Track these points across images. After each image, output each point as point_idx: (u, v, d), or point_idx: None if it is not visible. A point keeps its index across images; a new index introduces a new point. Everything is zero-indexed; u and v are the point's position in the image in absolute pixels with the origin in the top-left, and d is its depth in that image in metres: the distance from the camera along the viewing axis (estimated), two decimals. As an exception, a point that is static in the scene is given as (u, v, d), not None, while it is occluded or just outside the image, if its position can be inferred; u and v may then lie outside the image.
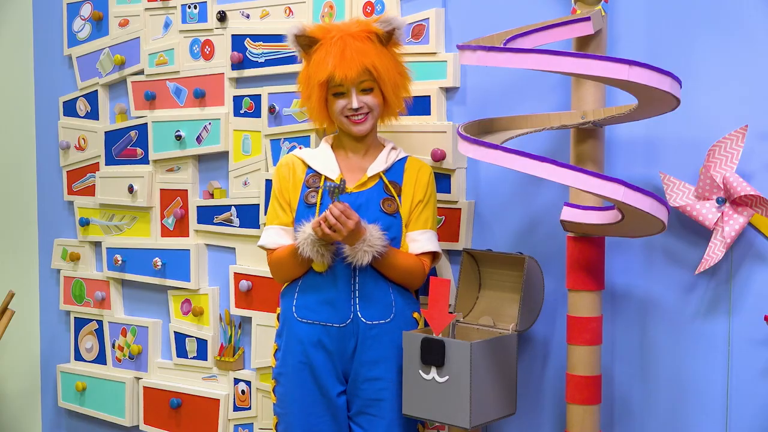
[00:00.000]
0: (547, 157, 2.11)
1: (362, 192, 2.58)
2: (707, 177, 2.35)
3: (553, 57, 2.09)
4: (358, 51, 2.49)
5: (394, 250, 2.55)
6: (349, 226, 2.40)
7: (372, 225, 2.50)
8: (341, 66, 2.48)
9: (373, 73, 2.52)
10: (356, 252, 2.46)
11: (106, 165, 3.62)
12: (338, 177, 2.55)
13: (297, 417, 2.61)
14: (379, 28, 2.53)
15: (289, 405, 2.62)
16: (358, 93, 2.53)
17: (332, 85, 2.53)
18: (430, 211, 2.63)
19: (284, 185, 2.64)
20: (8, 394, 4.04)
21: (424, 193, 2.61)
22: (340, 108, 2.55)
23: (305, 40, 2.56)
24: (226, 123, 3.26)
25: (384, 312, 2.57)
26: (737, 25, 2.38)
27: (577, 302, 2.46)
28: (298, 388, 2.60)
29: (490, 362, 2.42)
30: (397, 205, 2.58)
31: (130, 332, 3.58)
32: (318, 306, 2.57)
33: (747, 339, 2.40)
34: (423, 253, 2.60)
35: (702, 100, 2.42)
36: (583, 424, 2.46)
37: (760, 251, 2.38)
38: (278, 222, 2.64)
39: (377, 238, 2.48)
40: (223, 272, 3.35)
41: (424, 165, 2.66)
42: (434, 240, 2.63)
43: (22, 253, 3.95)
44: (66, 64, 3.75)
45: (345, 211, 2.40)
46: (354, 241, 2.45)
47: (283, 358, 2.64)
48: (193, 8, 3.33)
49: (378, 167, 2.61)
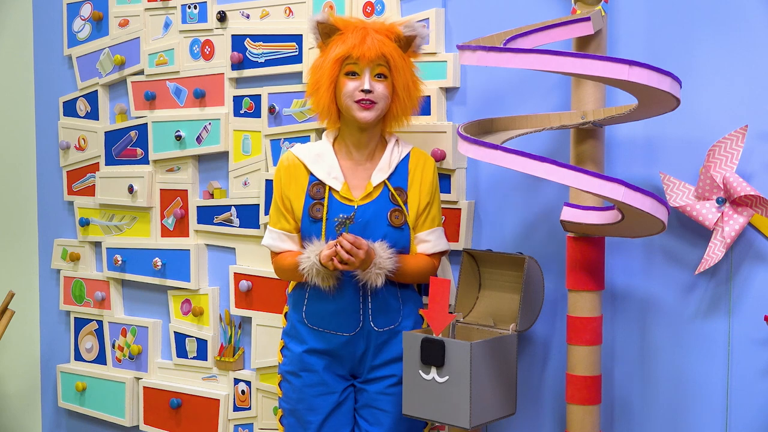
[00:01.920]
0: (547, 157, 2.11)
1: (369, 204, 2.57)
2: (707, 177, 2.35)
3: (553, 57, 2.09)
4: (379, 40, 2.50)
5: (404, 259, 2.55)
6: (360, 256, 2.40)
7: (378, 243, 2.50)
8: (360, 46, 2.48)
9: (390, 62, 2.52)
10: (368, 275, 2.47)
11: (106, 165, 3.62)
12: (348, 217, 2.49)
13: (302, 412, 2.62)
14: (403, 32, 2.54)
15: (295, 402, 2.63)
16: (371, 77, 2.52)
17: (347, 63, 2.51)
18: (436, 209, 2.63)
19: (285, 192, 2.62)
20: (8, 394, 4.04)
21: (430, 193, 2.60)
22: (351, 90, 2.51)
23: (327, 28, 2.55)
24: (226, 123, 3.26)
25: (393, 318, 2.59)
26: (737, 25, 2.38)
27: (577, 302, 2.46)
28: (304, 385, 2.61)
29: (490, 362, 2.42)
30: (405, 216, 2.58)
31: (130, 332, 3.58)
32: (328, 316, 2.57)
33: (747, 339, 2.40)
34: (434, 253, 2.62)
35: (702, 100, 2.42)
36: (583, 424, 2.46)
37: (760, 251, 2.38)
38: (281, 227, 2.63)
39: (386, 259, 2.48)
40: (223, 272, 3.35)
41: (428, 159, 2.64)
42: (442, 237, 2.63)
43: (22, 253, 3.95)
44: (66, 64, 3.75)
45: (355, 243, 2.40)
46: (366, 266, 2.46)
47: (291, 357, 2.64)
48: (193, 8, 3.33)
49: (382, 174, 2.59)
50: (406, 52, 2.57)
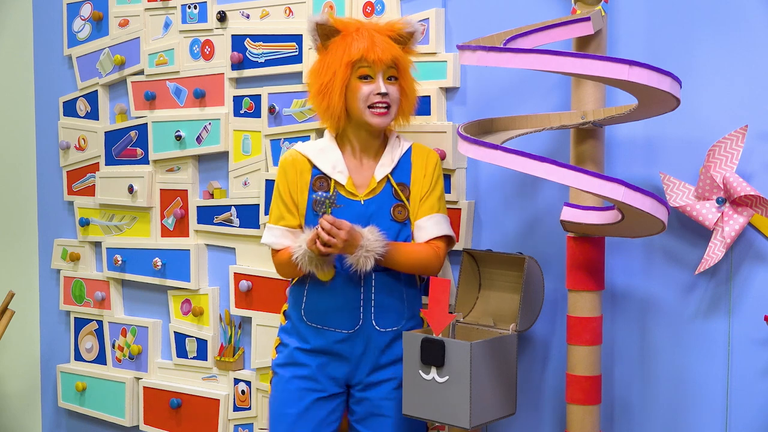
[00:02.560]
0: (547, 157, 2.11)
1: (372, 199, 2.56)
2: (707, 177, 2.35)
3: (553, 57, 2.09)
4: (387, 42, 2.50)
5: (398, 245, 2.52)
6: (341, 237, 2.38)
7: (368, 228, 2.47)
8: (374, 49, 2.47)
9: (398, 65, 2.52)
10: (357, 259, 2.45)
11: (106, 165, 3.62)
12: (328, 197, 2.47)
13: (282, 403, 2.61)
14: (404, 28, 2.55)
15: (279, 392, 2.62)
16: (384, 80, 2.51)
17: (360, 67, 2.49)
18: (436, 197, 2.59)
19: (291, 186, 2.60)
20: (8, 394, 4.04)
21: (430, 183, 2.58)
22: (366, 94, 2.49)
23: (326, 29, 2.53)
24: (226, 123, 3.26)
25: (398, 319, 2.58)
26: (737, 25, 2.38)
27: (577, 302, 2.46)
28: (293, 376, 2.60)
29: (490, 362, 2.42)
30: (407, 212, 2.57)
31: (130, 332, 3.58)
32: (326, 312, 2.57)
33: (747, 339, 2.40)
34: (434, 239, 2.57)
35: (702, 100, 2.42)
36: (583, 424, 2.46)
37: (760, 251, 2.38)
38: (284, 223, 2.61)
39: (375, 241, 2.45)
40: (223, 272, 3.35)
41: (431, 153, 2.62)
42: (443, 223, 2.59)
43: (22, 253, 3.95)
44: (66, 64, 3.75)
45: (335, 224, 2.38)
46: (352, 250, 2.44)
47: (286, 353, 2.64)
48: (193, 8, 3.33)
49: (385, 169, 2.58)
50: (404, 49, 2.56)
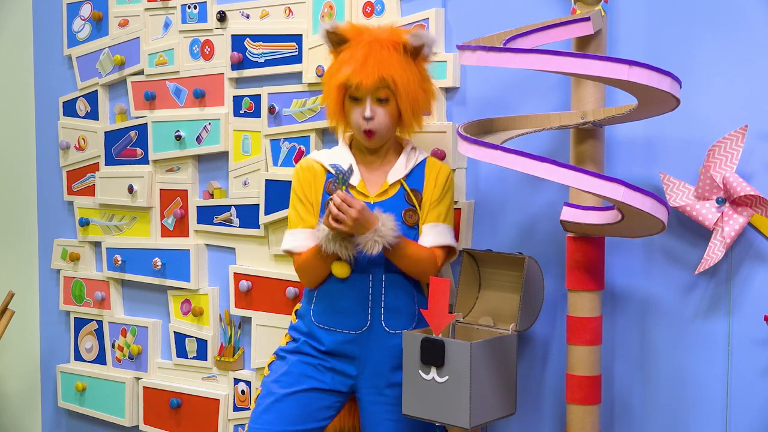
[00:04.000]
0: (547, 157, 2.11)
1: (384, 201, 2.57)
2: (707, 177, 2.35)
3: (553, 57, 2.09)
4: (381, 60, 2.47)
5: (408, 241, 2.52)
6: (351, 214, 2.38)
7: (387, 215, 2.47)
8: (359, 72, 2.46)
9: (390, 85, 2.49)
10: (366, 241, 2.44)
11: (106, 165, 3.62)
12: (343, 172, 2.48)
13: (275, 382, 2.62)
14: (409, 41, 2.50)
15: (274, 371, 2.64)
16: (373, 102, 2.51)
17: (349, 87, 2.51)
18: (444, 207, 2.60)
19: (307, 189, 2.61)
20: (8, 394, 4.04)
21: (440, 194, 2.59)
22: (356, 118, 2.53)
23: (336, 37, 2.54)
24: (226, 123, 3.26)
25: (408, 321, 2.59)
26: (737, 25, 2.38)
27: (577, 302, 2.46)
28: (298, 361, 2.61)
29: (490, 362, 2.42)
30: (417, 217, 2.58)
31: (129, 332, 3.58)
32: (335, 314, 2.57)
33: (747, 339, 2.40)
34: (436, 247, 2.58)
35: (702, 100, 2.42)
36: (583, 424, 2.46)
37: (760, 251, 2.38)
38: (304, 225, 2.60)
39: (389, 229, 2.45)
40: (222, 272, 3.35)
41: (444, 167, 2.63)
42: (446, 234, 2.60)
43: (22, 253, 3.95)
44: (66, 64, 3.75)
45: (345, 200, 2.39)
46: (364, 230, 2.43)
47: (295, 346, 2.64)
48: (193, 8, 3.33)
49: (398, 173, 2.59)
50: (415, 60, 2.53)
